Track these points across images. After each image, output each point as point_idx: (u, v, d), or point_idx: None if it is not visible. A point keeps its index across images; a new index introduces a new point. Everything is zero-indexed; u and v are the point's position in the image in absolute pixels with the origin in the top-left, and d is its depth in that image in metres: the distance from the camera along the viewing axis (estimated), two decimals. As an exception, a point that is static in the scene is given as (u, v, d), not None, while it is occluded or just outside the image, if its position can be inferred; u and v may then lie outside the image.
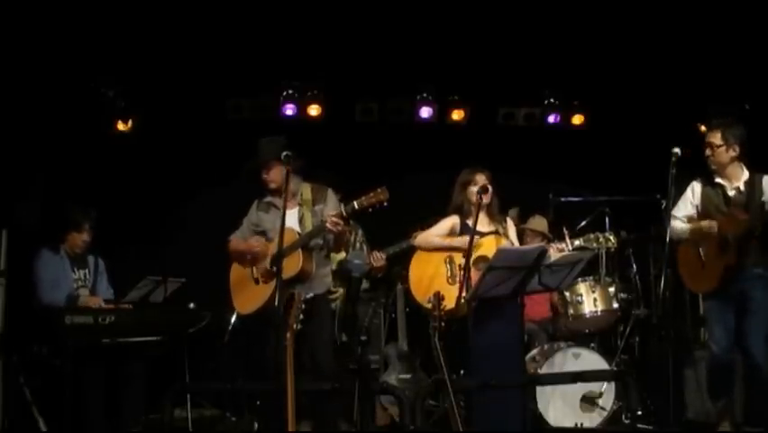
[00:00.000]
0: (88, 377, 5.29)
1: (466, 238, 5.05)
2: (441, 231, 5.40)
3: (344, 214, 4.86)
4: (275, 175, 5.15)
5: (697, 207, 5.26)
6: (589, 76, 7.31)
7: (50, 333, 5.17)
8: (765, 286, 5.05)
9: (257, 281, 5.18)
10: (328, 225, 4.86)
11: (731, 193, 5.16)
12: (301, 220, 5.14)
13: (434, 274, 5.35)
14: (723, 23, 6.46)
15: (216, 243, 5.45)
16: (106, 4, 6.21)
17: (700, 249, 5.13)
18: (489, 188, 5.19)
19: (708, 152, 5.17)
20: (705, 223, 5.12)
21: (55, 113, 6.82)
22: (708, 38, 6.61)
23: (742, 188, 5.14)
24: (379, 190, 4.76)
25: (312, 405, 5.16)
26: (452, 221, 5.38)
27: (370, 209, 4.79)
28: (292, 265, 4.91)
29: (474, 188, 5.19)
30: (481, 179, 5.26)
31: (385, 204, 4.75)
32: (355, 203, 4.82)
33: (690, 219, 5.24)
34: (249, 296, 5.19)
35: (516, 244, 5.47)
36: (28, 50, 6.26)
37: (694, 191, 5.28)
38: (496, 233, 5.31)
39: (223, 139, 7.45)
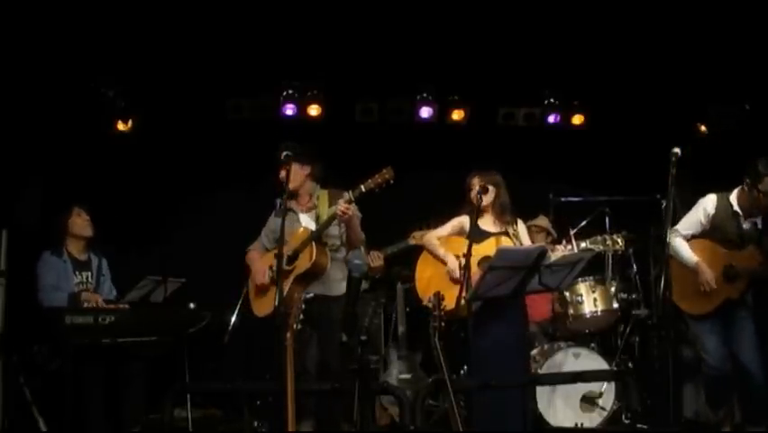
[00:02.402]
0: (88, 377, 5.28)
1: (452, 259, 5.14)
2: (444, 231, 5.37)
3: (352, 198, 4.91)
4: (291, 175, 5.11)
5: (705, 228, 5.29)
6: (589, 76, 7.30)
7: (50, 333, 5.17)
8: (752, 296, 5.12)
9: (272, 281, 5.14)
10: (338, 210, 4.90)
11: (745, 226, 5.19)
12: (317, 221, 5.16)
13: (437, 274, 5.34)
14: (723, 23, 6.45)
15: (217, 243, 5.46)
16: (106, 4, 6.21)
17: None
18: (490, 188, 5.19)
19: (763, 198, 5.07)
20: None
21: (55, 113, 6.82)
22: (708, 38, 6.61)
23: (759, 224, 5.17)
24: (384, 170, 4.84)
25: (312, 405, 5.17)
26: (461, 221, 5.35)
27: (377, 190, 4.86)
28: (305, 260, 4.94)
29: (472, 191, 5.19)
30: (477, 181, 5.25)
31: (391, 182, 4.84)
32: (362, 186, 4.89)
33: (693, 237, 5.27)
34: (265, 298, 5.16)
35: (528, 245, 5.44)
36: (28, 50, 6.26)
37: (707, 214, 5.28)
38: (505, 234, 5.27)
39: (223, 139, 7.45)
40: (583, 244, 5.23)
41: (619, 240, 5.24)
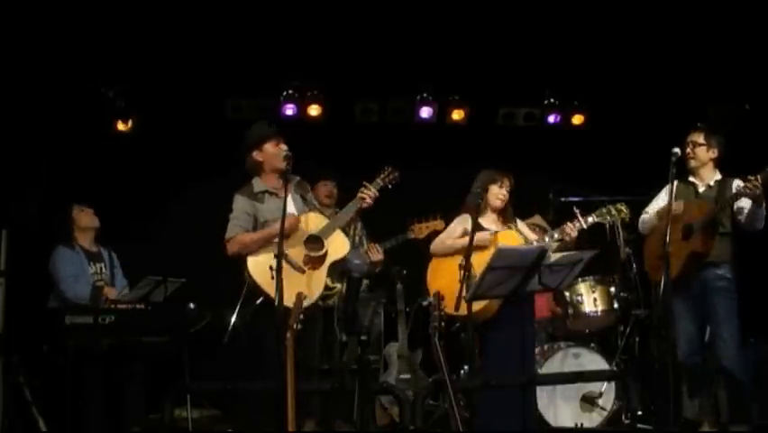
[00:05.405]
0: (88, 377, 5.28)
1: (479, 235, 5.01)
2: (454, 234, 5.35)
3: (376, 192, 5.03)
4: (267, 155, 5.12)
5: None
6: (589, 76, 7.31)
7: (51, 333, 5.17)
8: (728, 292, 5.12)
9: (302, 270, 4.89)
10: (368, 198, 4.98)
11: (701, 189, 5.31)
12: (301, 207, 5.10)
13: (451, 281, 5.22)
14: (722, 23, 6.46)
15: (217, 243, 5.42)
16: (106, 5, 6.21)
17: (666, 236, 4.89)
18: (506, 191, 5.30)
19: (688, 149, 5.31)
20: (674, 204, 5.04)
21: (55, 113, 6.82)
22: (708, 38, 6.61)
23: (712, 184, 5.28)
24: (390, 168, 5.10)
25: (311, 405, 5.17)
26: (461, 221, 5.31)
27: (390, 186, 5.11)
28: (340, 246, 4.94)
29: (499, 189, 5.26)
30: (509, 183, 5.32)
31: (397, 180, 5.14)
32: (378, 180, 5.07)
33: (659, 213, 5.31)
34: (299, 287, 4.71)
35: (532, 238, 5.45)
36: (28, 50, 6.27)
37: (668, 190, 5.34)
38: (508, 229, 5.30)
39: (223, 139, 7.44)
40: (590, 219, 5.22)
41: (624, 208, 5.25)
